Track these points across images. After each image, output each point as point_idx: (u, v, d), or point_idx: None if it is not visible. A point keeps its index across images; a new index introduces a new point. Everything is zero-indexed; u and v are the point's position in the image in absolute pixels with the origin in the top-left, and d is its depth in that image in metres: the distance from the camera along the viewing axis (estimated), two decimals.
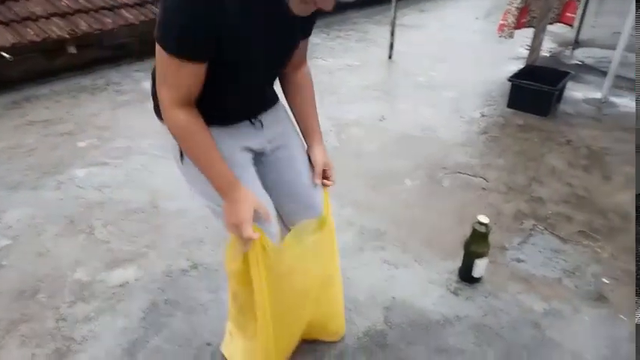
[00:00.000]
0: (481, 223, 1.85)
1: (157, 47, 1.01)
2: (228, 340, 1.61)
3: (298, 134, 1.41)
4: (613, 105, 3.69)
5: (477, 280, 1.95)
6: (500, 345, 1.69)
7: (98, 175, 2.69)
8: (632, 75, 4.24)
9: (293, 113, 1.40)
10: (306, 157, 1.40)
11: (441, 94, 3.92)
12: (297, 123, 1.41)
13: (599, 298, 1.90)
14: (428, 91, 3.98)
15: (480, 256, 1.88)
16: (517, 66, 4.15)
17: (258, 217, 1.21)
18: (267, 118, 1.31)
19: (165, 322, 1.76)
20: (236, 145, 1.24)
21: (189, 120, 1.09)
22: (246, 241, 1.20)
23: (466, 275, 1.95)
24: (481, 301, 1.88)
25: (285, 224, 1.41)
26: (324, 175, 1.41)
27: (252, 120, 1.27)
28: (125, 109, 3.53)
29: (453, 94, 3.91)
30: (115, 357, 1.62)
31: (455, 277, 1.99)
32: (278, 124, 1.35)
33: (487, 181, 2.68)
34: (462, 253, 1.94)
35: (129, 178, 2.67)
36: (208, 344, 1.67)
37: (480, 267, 1.91)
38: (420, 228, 2.29)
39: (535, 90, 3.41)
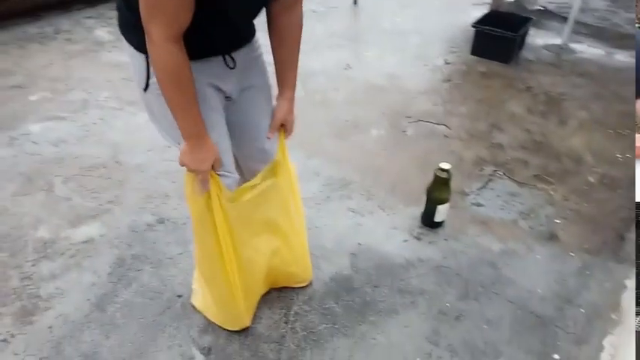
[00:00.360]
0: (442, 170, 1.91)
1: None
2: (197, 291, 1.64)
3: (268, 80, 1.38)
4: (572, 51, 3.76)
5: (438, 225, 2.03)
6: (460, 284, 1.79)
7: (54, 129, 2.59)
8: (590, 21, 4.31)
9: (273, 57, 1.33)
10: (270, 106, 1.39)
11: (406, 40, 3.89)
12: (275, 69, 1.35)
13: (551, 237, 2.02)
14: (393, 38, 3.94)
15: (442, 201, 1.95)
16: (481, 12, 4.13)
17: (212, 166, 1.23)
18: (241, 57, 1.24)
19: (134, 277, 1.77)
20: (205, 81, 1.19)
21: (179, 57, 1.03)
22: (201, 185, 1.22)
23: (428, 220, 2.02)
24: (442, 244, 1.96)
25: (241, 169, 1.44)
26: (283, 129, 1.42)
27: (226, 57, 1.20)
28: (78, 59, 3.35)
29: (417, 41, 3.88)
30: (84, 311, 1.63)
31: (418, 222, 2.06)
32: (251, 68, 1.30)
33: (449, 129, 2.73)
34: (424, 199, 2.00)
35: (87, 132, 2.58)
36: (179, 296, 1.70)
37: (441, 212, 1.98)
38: (384, 176, 2.34)
39: (497, 36, 3.42)
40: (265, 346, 1.55)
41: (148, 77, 1.15)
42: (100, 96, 2.90)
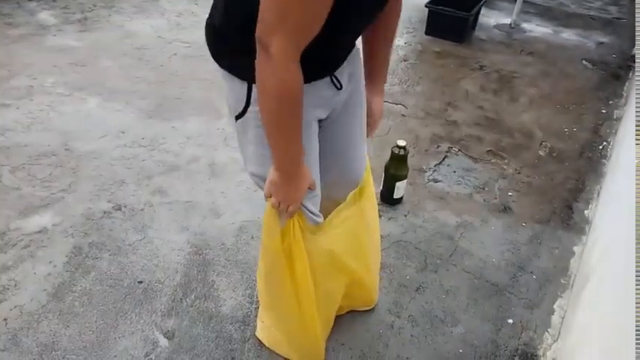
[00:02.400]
0: (399, 147, 1.94)
1: None
2: (264, 327, 1.52)
3: (364, 87, 1.22)
4: (521, 30, 3.88)
5: (398, 201, 2.07)
6: (419, 257, 1.85)
7: None
8: (538, 1, 4.44)
9: (364, 50, 1.18)
10: (363, 120, 1.25)
11: None
12: (366, 62, 1.20)
13: (505, 209, 2.10)
14: None
15: (400, 178, 1.99)
16: None
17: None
18: (345, 70, 1.09)
19: (92, 265, 1.72)
20: (310, 113, 1.03)
21: (298, 79, 0.88)
22: (285, 217, 1.12)
23: (388, 197, 2.06)
24: (402, 220, 2.01)
25: (323, 194, 1.25)
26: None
27: (333, 77, 1.05)
28: (21, 44, 3.18)
29: None
30: (41, 302, 1.58)
31: (378, 199, 2.09)
32: (352, 79, 1.15)
33: (406, 108, 2.77)
34: (383, 176, 2.04)
35: (34, 119, 2.47)
36: (140, 282, 1.67)
37: (400, 189, 2.02)
38: None
39: (451, 16, 3.48)
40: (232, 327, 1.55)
41: (248, 104, 1.01)
42: (46, 82, 2.77)
